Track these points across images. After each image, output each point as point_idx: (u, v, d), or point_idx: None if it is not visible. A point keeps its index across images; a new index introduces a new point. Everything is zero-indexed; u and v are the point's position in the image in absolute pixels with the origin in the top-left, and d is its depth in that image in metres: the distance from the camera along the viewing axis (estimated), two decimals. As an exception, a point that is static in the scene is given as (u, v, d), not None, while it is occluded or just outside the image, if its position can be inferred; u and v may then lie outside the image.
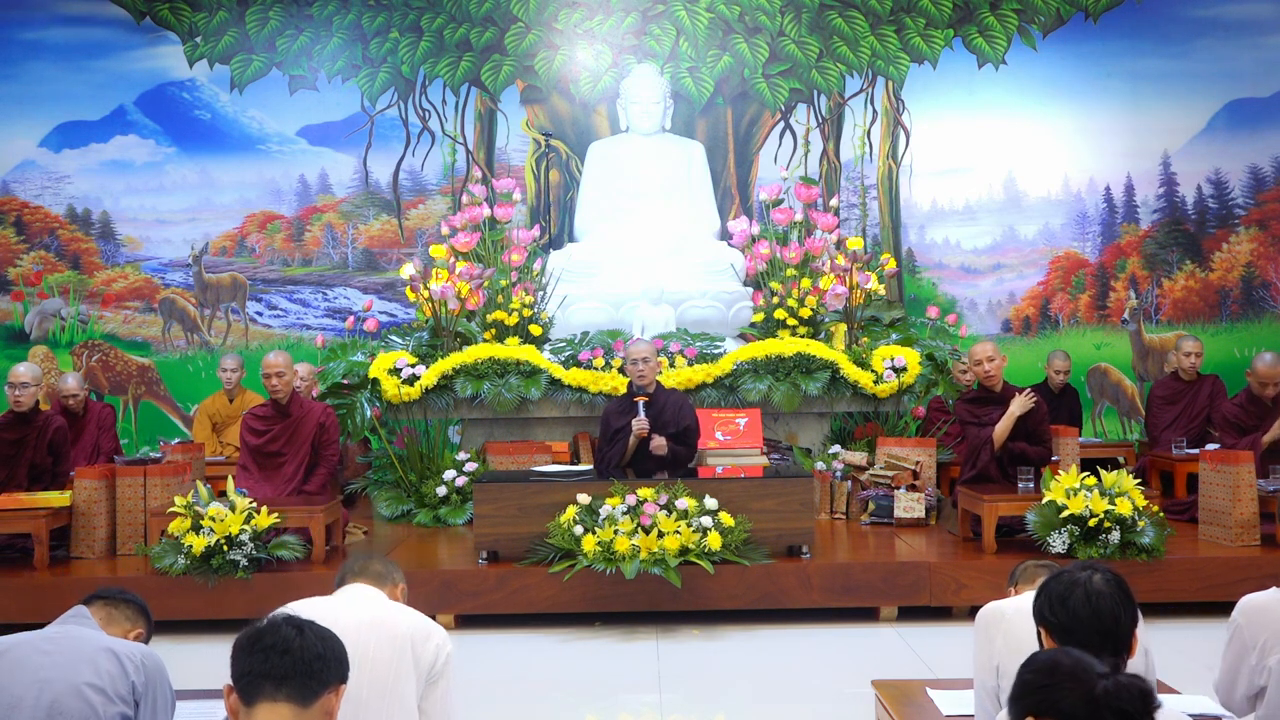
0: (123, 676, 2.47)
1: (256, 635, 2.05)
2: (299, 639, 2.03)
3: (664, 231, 8.51)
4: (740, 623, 5.61)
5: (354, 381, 7.60)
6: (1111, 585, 2.29)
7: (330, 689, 2.05)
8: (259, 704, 2.01)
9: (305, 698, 2.01)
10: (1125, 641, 2.28)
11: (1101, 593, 2.26)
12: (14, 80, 9.74)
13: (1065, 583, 2.31)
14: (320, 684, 2.03)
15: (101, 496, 6.24)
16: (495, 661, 5.12)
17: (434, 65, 9.78)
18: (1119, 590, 2.30)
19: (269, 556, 5.62)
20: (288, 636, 2.03)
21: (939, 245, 9.95)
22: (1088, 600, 2.25)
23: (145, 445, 9.25)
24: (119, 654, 2.51)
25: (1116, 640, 2.26)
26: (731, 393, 7.46)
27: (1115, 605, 2.26)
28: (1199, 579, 5.64)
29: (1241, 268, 9.93)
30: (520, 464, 6.99)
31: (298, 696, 2.00)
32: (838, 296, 7.80)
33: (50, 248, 9.81)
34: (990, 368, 6.38)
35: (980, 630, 2.89)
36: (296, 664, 2.01)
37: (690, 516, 5.57)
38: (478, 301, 7.72)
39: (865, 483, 7.13)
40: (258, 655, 2.02)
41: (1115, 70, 9.86)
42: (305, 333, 9.71)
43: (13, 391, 6.40)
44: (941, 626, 5.53)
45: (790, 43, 9.79)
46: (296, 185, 9.87)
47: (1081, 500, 5.52)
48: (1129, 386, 9.80)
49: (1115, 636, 2.25)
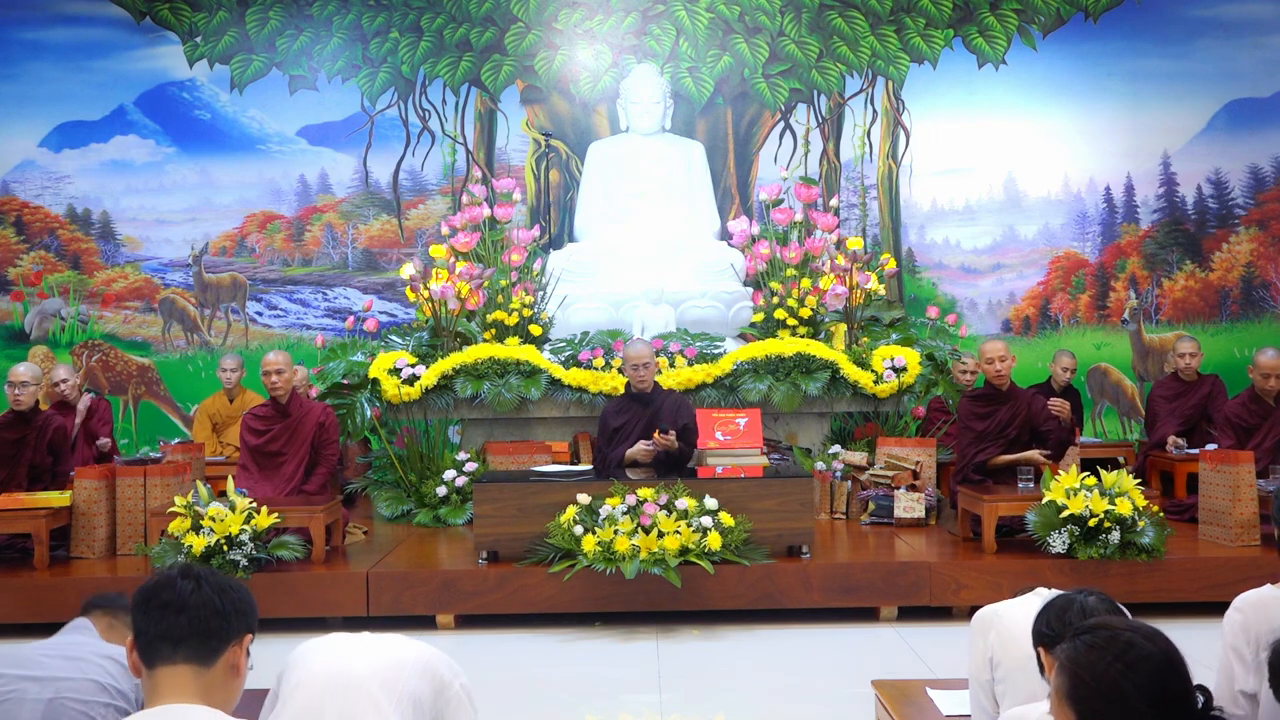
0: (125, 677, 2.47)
1: (152, 591, 1.93)
2: (195, 594, 1.91)
3: (664, 231, 8.51)
4: (740, 623, 5.61)
5: (354, 381, 7.60)
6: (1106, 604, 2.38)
7: (234, 642, 1.94)
8: (158, 667, 1.89)
9: (205, 657, 1.90)
10: None
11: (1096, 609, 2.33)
12: (14, 80, 9.74)
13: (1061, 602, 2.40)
14: (221, 640, 1.91)
15: (101, 496, 6.24)
16: (495, 661, 5.12)
17: (434, 65, 9.78)
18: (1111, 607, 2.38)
19: (269, 556, 5.62)
20: (183, 591, 1.91)
21: (939, 245, 9.95)
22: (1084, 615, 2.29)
23: (145, 445, 9.25)
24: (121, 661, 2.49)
25: None
26: (731, 393, 7.46)
27: None
28: (1199, 579, 5.64)
29: (1241, 268, 9.93)
30: (520, 464, 6.99)
31: (197, 657, 1.90)
32: (838, 296, 7.80)
33: (50, 248, 9.81)
34: (1001, 367, 6.41)
35: (975, 629, 2.95)
36: (193, 622, 1.89)
37: (690, 516, 5.57)
38: (478, 301, 7.72)
39: (865, 483, 7.13)
40: (153, 613, 1.90)
41: (1115, 70, 9.86)
42: (305, 333, 9.71)
43: (13, 391, 6.39)
44: (941, 626, 5.53)
45: (790, 43, 9.79)
46: (296, 185, 9.87)
47: (1081, 500, 5.52)
48: (1129, 386, 9.80)
49: None
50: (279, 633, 5.60)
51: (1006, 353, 6.47)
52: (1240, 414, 6.86)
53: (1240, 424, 6.81)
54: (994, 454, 6.39)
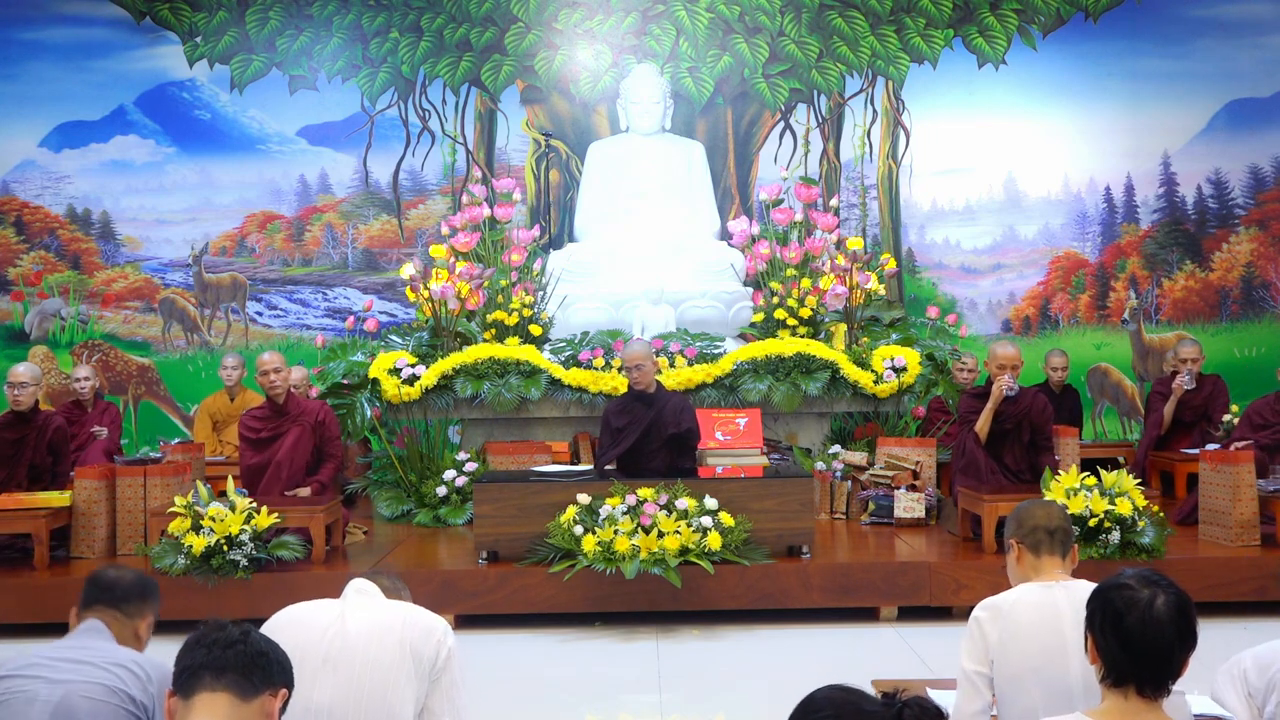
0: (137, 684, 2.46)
1: (202, 633, 2.05)
2: (243, 637, 2.04)
3: (664, 231, 8.51)
4: (740, 623, 5.61)
5: (354, 381, 7.60)
6: (1173, 611, 2.11)
7: (270, 690, 2.02)
8: (197, 694, 1.98)
9: (245, 691, 1.99)
10: (1175, 671, 2.14)
11: (1161, 623, 2.10)
12: (14, 80, 9.74)
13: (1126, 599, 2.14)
14: (262, 681, 2.01)
15: (101, 496, 6.24)
16: (495, 661, 5.12)
17: (434, 65, 9.78)
18: (1180, 618, 2.11)
19: (269, 556, 5.62)
20: (232, 634, 2.04)
21: (939, 245, 9.95)
22: (1143, 625, 2.10)
23: (145, 445, 9.25)
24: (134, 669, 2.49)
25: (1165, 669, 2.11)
26: (731, 393, 7.46)
27: (1172, 636, 2.10)
28: (1199, 579, 5.63)
29: (1241, 268, 9.93)
30: (520, 464, 6.99)
31: (237, 688, 1.98)
32: (838, 296, 7.79)
33: (50, 248, 9.81)
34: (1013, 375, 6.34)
35: (976, 624, 2.76)
36: (239, 657, 2.00)
37: (690, 516, 5.57)
38: (478, 301, 7.72)
39: (865, 483, 7.13)
40: (200, 650, 2.01)
41: (1115, 70, 9.86)
42: (305, 333, 9.71)
43: (12, 391, 6.39)
44: (941, 626, 5.52)
45: (790, 43, 9.79)
46: (296, 185, 9.87)
47: (1082, 500, 5.52)
48: (1129, 386, 9.80)
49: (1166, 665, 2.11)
50: (279, 633, 5.62)
51: (1019, 360, 6.37)
52: (1261, 411, 6.81)
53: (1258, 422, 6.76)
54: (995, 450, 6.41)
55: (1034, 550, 2.88)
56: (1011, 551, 2.95)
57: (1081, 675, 2.60)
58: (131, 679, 2.47)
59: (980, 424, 6.37)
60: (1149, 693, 2.12)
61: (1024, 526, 2.92)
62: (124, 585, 2.74)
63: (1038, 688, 2.61)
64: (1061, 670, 2.62)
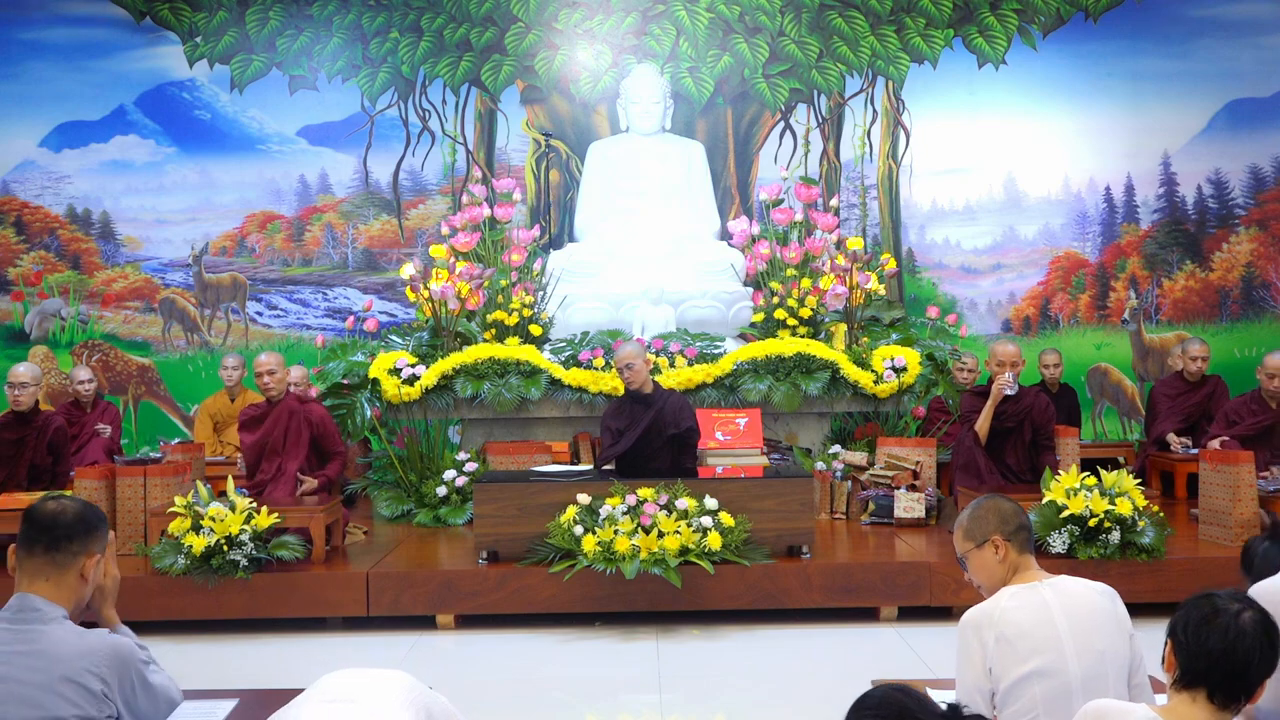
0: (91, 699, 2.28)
1: None
2: None
3: (664, 231, 8.50)
4: (740, 623, 5.61)
5: (354, 381, 7.60)
6: (1258, 627, 2.12)
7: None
8: None
9: None
10: (1251, 689, 2.13)
11: (1244, 633, 2.11)
12: (14, 80, 9.74)
13: (1210, 608, 2.15)
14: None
15: (101, 496, 6.24)
16: (495, 661, 5.12)
17: (434, 65, 9.79)
18: (1264, 636, 2.12)
19: (269, 556, 5.61)
20: None
21: (939, 245, 9.95)
22: (1225, 636, 2.11)
23: (145, 445, 9.26)
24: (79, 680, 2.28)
25: (1242, 684, 2.11)
26: (731, 393, 7.46)
27: (1254, 651, 2.10)
28: (1199, 579, 5.63)
29: (1241, 268, 9.93)
30: (520, 464, 6.99)
31: None
32: (838, 296, 7.79)
33: (50, 248, 9.81)
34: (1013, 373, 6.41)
35: (970, 633, 2.70)
36: None
37: (690, 516, 5.57)
38: (478, 301, 7.72)
39: (865, 483, 7.13)
40: None
41: (1115, 70, 9.86)
42: (305, 333, 9.71)
43: (12, 391, 6.40)
44: (941, 626, 5.52)
45: (790, 43, 9.79)
46: (296, 185, 9.88)
47: (1081, 500, 5.52)
48: (1129, 386, 9.80)
49: (1242, 681, 2.11)
50: (279, 633, 5.62)
51: (1020, 359, 6.45)
52: (1236, 410, 6.91)
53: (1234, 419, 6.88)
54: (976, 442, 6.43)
55: (1019, 547, 2.84)
56: (989, 549, 2.83)
57: (1081, 674, 2.60)
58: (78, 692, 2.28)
59: (980, 422, 6.38)
60: (1218, 700, 2.11)
61: (1008, 523, 2.84)
62: (65, 521, 2.43)
63: (1038, 688, 2.61)
64: (1061, 670, 2.61)
